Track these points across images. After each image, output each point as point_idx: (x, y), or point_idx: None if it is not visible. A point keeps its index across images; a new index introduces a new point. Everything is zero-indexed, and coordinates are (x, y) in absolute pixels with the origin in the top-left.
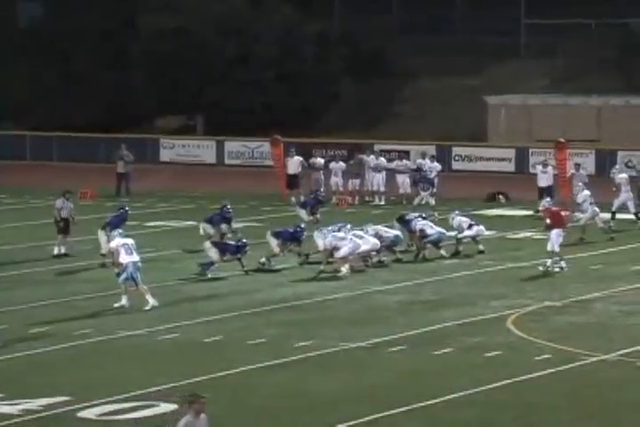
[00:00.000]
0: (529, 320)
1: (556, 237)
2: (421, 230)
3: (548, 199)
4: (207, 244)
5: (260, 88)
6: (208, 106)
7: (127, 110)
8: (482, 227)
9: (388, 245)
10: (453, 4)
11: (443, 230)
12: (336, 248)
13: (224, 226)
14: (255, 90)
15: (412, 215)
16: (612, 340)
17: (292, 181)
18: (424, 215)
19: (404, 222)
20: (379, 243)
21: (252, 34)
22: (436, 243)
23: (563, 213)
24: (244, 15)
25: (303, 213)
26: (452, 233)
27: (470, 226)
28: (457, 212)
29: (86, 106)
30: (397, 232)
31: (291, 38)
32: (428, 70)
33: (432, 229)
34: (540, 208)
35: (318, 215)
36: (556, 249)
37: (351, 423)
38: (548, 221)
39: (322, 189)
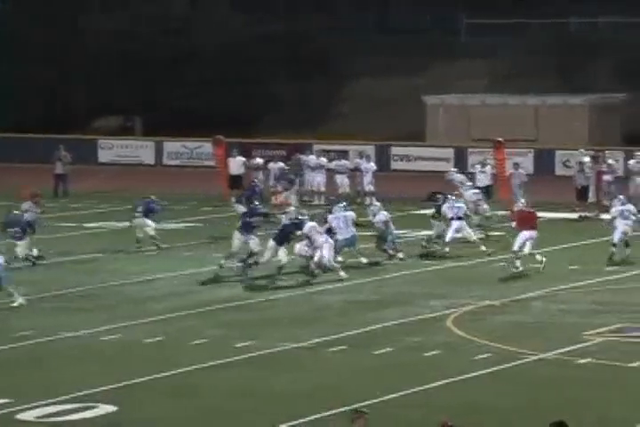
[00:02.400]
0: (468, 320)
1: (522, 238)
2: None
3: (523, 201)
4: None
5: (200, 88)
6: (146, 107)
7: (65, 111)
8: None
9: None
10: (395, 4)
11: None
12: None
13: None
14: (194, 90)
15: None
16: (551, 339)
17: (235, 182)
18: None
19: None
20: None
21: (192, 34)
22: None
23: (532, 215)
24: (184, 15)
25: (240, 208)
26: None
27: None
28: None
29: (25, 106)
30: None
31: (231, 38)
32: (369, 70)
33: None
34: (515, 208)
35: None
36: (515, 248)
37: (292, 424)
38: (514, 223)
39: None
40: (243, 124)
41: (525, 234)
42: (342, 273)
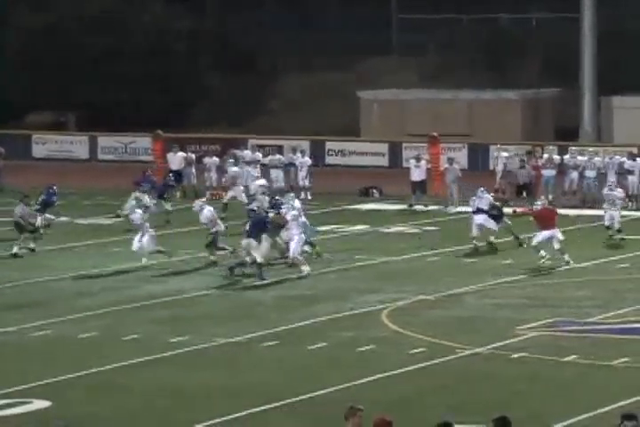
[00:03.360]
0: (403, 314)
1: (542, 236)
2: None
3: (543, 198)
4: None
5: (131, 84)
6: (79, 102)
7: None
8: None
9: None
10: (324, 0)
11: None
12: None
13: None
14: (126, 86)
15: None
16: (485, 333)
17: (175, 177)
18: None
19: None
20: None
21: (123, 30)
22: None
23: (553, 213)
24: (115, 11)
25: (146, 199)
26: None
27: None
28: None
29: None
30: None
31: (161, 35)
32: (300, 66)
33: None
34: (534, 207)
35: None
36: (534, 243)
37: (223, 419)
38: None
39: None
40: (174, 120)
41: (546, 233)
42: (305, 267)
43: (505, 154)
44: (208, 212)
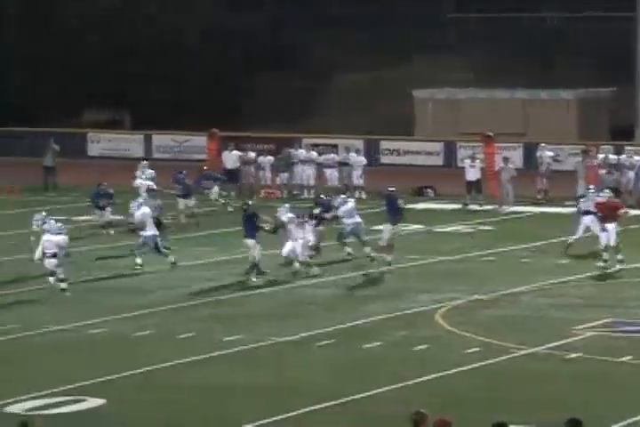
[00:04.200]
0: (457, 314)
1: (611, 231)
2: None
3: (607, 191)
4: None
5: (186, 83)
6: (135, 101)
7: (55, 104)
8: None
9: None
10: None
11: None
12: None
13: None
14: (181, 85)
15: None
16: (541, 333)
17: (230, 176)
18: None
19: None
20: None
21: (176, 29)
22: None
23: (618, 205)
24: (170, 9)
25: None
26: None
27: None
28: None
29: (15, 99)
30: None
31: (214, 33)
32: (354, 65)
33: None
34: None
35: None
36: (613, 244)
37: (274, 419)
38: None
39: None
40: (228, 119)
41: (609, 227)
42: (316, 269)
43: (549, 153)
44: (141, 215)
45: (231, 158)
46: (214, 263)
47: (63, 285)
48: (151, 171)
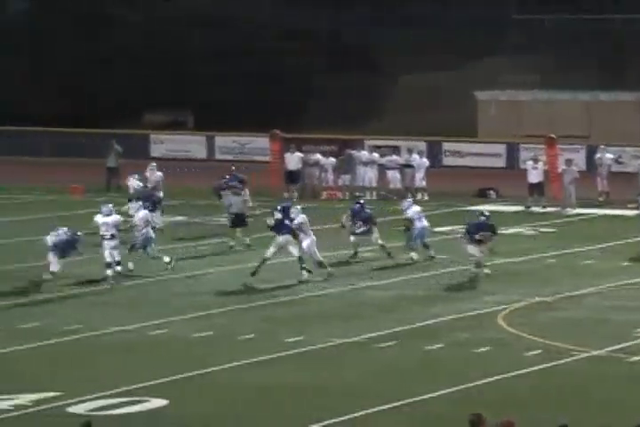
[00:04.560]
0: (519, 316)
1: None
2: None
3: None
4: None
5: (248, 84)
6: (197, 102)
7: (118, 105)
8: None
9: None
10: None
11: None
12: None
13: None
14: (243, 86)
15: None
16: (603, 336)
17: (292, 178)
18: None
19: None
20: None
21: (235, 30)
22: None
23: None
24: (230, 10)
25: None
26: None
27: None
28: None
29: (79, 101)
30: None
31: (278, 33)
32: (416, 66)
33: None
34: None
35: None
36: None
37: (338, 420)
38: None
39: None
40: (289, 120)
41: None
42: (330, 269)
43: (610, 155)
44: (143, 214)
45: (293, 160)
46: (275, 264)
47: (118, 268)
48: (159, 173)
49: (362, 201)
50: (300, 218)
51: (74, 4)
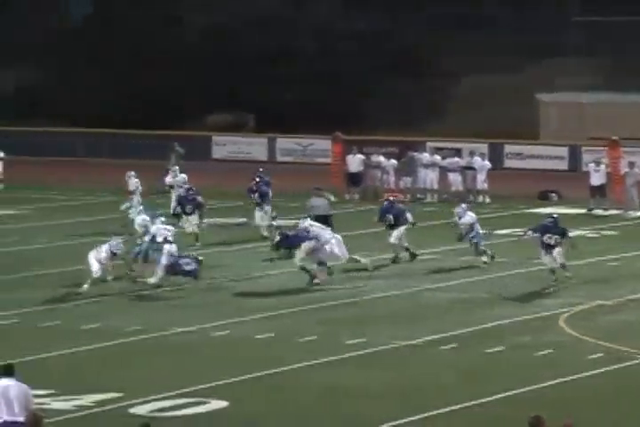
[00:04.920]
0: (581, 319)
1: None
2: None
3: None
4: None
5: (309, 85)
6: (259, 103)
7: (176, 108)
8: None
9: None
10: (499, 1)
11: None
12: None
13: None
14: (304, 87)
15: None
16: None
17: (354, 180)
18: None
19: None
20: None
21: (294, 31)
22: None
23: None
24: (286, 11)
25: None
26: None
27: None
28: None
29: (133, 104)
30: None
31: (339, 35)
32: (477, 68)
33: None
34: None
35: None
36: None
37: (398, 422)
38: None
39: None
40: (349, 122)
41: None
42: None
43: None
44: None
45: (355, 162)
46: (335, 267)
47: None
48: (183, 175)
49: (391, 198)
50: (305, 223)
51: (135, 7)
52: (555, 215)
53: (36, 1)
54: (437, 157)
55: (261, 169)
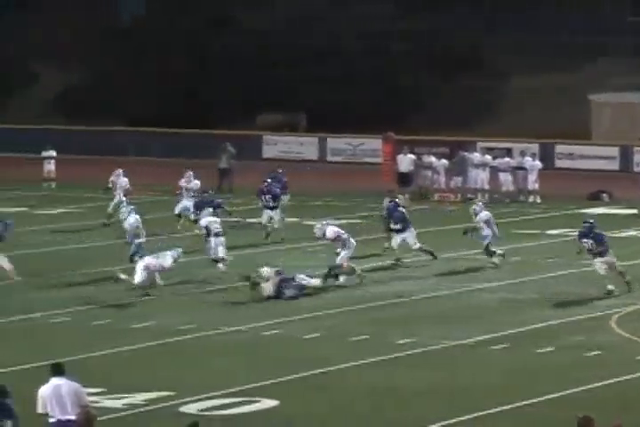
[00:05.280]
0: (632, 320)
1: None
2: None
3: None
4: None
5: (358, 86)
6: (310, 102)
7: (227, 108)
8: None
9: None
10: (551, 1)
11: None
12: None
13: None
14: (353, 87)
15: None
16: None
17: (404, 179)
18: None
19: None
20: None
21: (344, 30)
22: None
23: None
24: (343, 11)
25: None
26: None
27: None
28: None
29: (184, 103)
30: None
31: (391, 35)
32: (528, 68)
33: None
34: None
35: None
36: None
37: (447, 422)
38: None
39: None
40: (399, 122)
41: None
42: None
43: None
44: (133, 219)
45: (405, 161)
46: (387, 266)
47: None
48: (197, 182)
49: (397, 200)
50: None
51: (188, 8)
52: (591, 220)
53: (88, 1)
54: (488, 157)
55: (280, 170)
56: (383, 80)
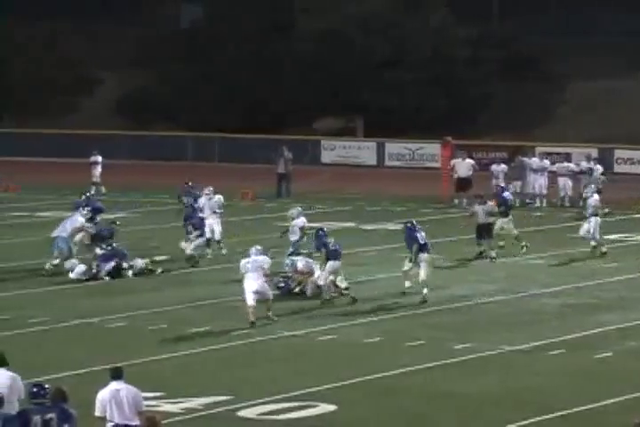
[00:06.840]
0: None
1: None
2: None
3: None
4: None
5: (417, 90)
6: (368, 108)
7: (286, 112)
8: None
9: None
10: (609, 4)
11: None
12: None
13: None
14: (411, 92)
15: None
16: None
17: (462, 184)
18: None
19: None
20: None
21: (405, 35)
22: None
23: None
24: (397, 16)
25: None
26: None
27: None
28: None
29: (242, 107)
30: None
31: (448, 40)
32: (587, 72)
33: None
34: None
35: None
36: None
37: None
38: None
39: None
40: (458, 127)
41: None
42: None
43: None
44: (79, 220)
45: (464, 166)
46: (443, 270)
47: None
48: (220, 196)
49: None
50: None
51: (245, 11)
52: None
53: (148, 5)
54: (547, 162)
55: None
56: (442, 85)
